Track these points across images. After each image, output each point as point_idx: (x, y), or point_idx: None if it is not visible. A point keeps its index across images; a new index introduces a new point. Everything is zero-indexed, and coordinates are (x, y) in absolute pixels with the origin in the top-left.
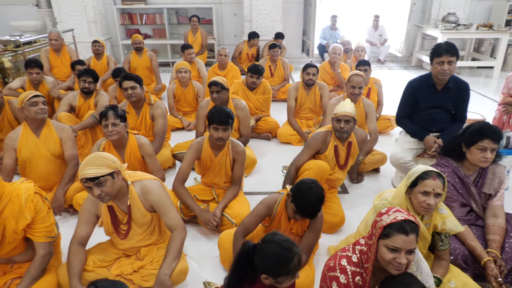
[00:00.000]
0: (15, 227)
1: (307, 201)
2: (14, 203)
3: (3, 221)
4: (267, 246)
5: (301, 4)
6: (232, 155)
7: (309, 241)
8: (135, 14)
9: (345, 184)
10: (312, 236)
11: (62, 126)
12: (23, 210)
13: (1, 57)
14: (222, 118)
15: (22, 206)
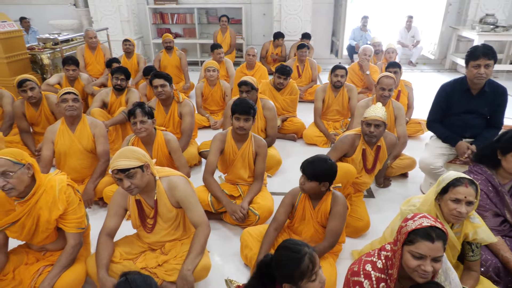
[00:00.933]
0: (48, 217)
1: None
2: (48, 194)
3: (37, 211)
4: (278, 253)
5: (331, 4)
6: (255, 148)
7: (332, 227)
8: (167, 14)
9: (372, 188)
10: (334, 221)
11: (96, 123)
12: (56, 201)
13: (40, 54)
14: (244, 108)
15: (56, 197)
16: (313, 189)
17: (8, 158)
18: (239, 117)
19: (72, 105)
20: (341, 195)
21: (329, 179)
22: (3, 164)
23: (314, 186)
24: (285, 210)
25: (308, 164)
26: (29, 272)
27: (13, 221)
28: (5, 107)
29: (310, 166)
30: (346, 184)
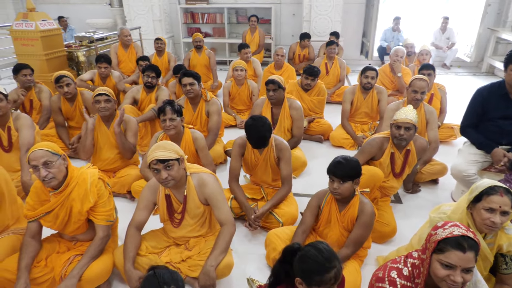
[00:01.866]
0: (80, 209)
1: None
2: (80, 186)
3: (70, 203)
4: (309, 249)
5: (363, 4)
6: (276, 153)
7: (357, 234)
8: (197, 14)
9: (399, 193)
10: (360, 230)
11: (128, 119)
12: (87, 194)
13: (76, 51)
14: (255, 141)
15: (87, 190)
16: (348, 190)
17: (47, 149)
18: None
19: (104, 106)
20: (370, 203)
21: (359, 175)
22: (44, 155)
23: (349, 187)
24: (311, 213)
25: (337, 165)
26: (60, 260)
27: (47, 211)
28: (43, 102)
29: (341, 166)
30: (372, 188)
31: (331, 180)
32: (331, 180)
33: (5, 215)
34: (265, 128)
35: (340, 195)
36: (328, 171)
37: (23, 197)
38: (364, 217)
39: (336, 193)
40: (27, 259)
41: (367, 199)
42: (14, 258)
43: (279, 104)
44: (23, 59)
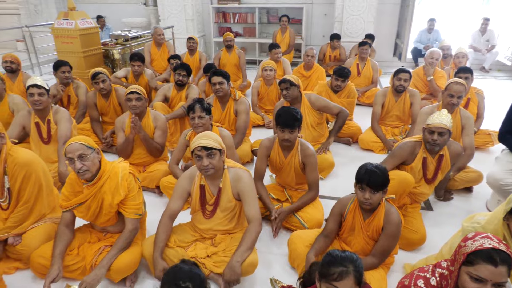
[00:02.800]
0: (111, 201)
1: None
2: (112, 180)
3: (102, 195)
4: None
5: (397, 5)
6: (301, 158)
7: (383, 244)
8: (229, 13)
9: (430, 200)
10: (386, 240)
11: (158, 117)
12: (118, 187)
13: (112, 49)
14: (288, 121)
15: (118, 184)
16: (379, 200)
17: (82, 143)
18: (284, 129)
19: (135, 104)
20: (396, 212)
21: (388, 183)
22: (79, 148)
23: (379, 197)
24: (334, 220)
25: (371, 174)
26: (91, 250)
27: (80, 202)
28: (80, 97)
29: (375, 176)
30: (402, 194)
31: (361, 189)
32: (360, 189)
33: (42, 204)
34: (298, 114)
35: (371, 206)
36: (359, 179)
37: (59, 188)
38: (390, 227)
39: (367, 203)
40: (61, 247)
41: (393, 208)
42: (49, 245)
43: (296, 102)
44: (62, 56)
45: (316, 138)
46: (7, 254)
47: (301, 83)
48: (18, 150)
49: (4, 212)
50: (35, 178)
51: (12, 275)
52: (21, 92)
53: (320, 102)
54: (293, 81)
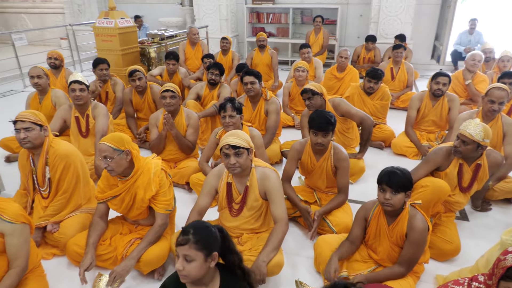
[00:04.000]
0: (143, 196)
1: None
2: (145, 175)
3: (135, 190)
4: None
5: (438, 5)
6: (334, 162)
7: (408, 253)
8: (263, 13)
9: (466, 210)
10: (410, 248)
11: (191, 115)
12: (150, 183)
13: (148, 48)
14: (321, 125)
15: (150, 179)
16: (400, 202)
17: (109, 145)
18: (317, 132)
19: (169, 101)
20: (421, 218)
21: (412, 187)
22: (105, 149)
23: (401, 199)
24: (358, 225)
25: (391, 174)
26: (123, 241)
27: (114, 195)
28: (117, 94)
29: (396, 176)
30: (436, 202)
31: (381, 191)
32: (381, 190)
33: (79, 195)
34: (330, 114)
35: (391, 207)
36: (380, 180)
37: (95, 180)
38: (414, 234)
39: (387, 204)
40: (94, 237)
41: (419, 214)
42: (83, 234)
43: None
44: (102, 54)
45: (346, 144)
46: (46, 240)
47: (324, 90)
48: (59, 142)
49: (44, 201)
50: (74, 170)
51: (49, 261)
52: (63, 87)
53: (342, 106)
54: (315, 89)
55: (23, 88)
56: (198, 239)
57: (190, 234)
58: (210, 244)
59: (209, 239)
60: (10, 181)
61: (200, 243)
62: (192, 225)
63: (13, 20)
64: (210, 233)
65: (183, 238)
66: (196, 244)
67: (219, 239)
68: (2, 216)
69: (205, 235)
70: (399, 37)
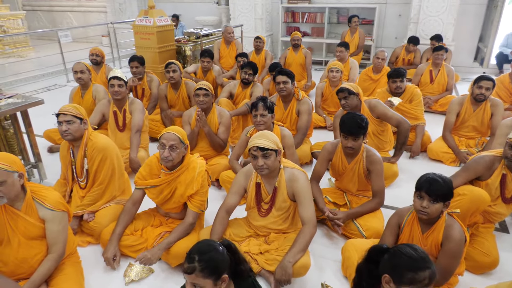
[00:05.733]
0: (182, 192)
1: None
2: (189, 173)
3: (176, 184)
4: (403, 246)
5: (483, 5)
6: (366, 165)
7: (443, 264)
8: (298, 13)
9: (507, 221)
10: (446, 259)
11: (223, 113)
12: (193, 181)
13: (184, 46)
14: (352, 129)
15: (194, 178)
16: (437, 212)
17: (178, 135)
18: (347, 136)
19: (203, 99)
20: (459, 227)
21: (451, 197)
22: (174, 139)
23: (438, 208)
24: (391, 232)
25: (432, 182)
26: (153, 233)
27: (155, 184)
28: (152, 90)
29: (437, 185)
30: (474, 212)
31: (418, 197)
32: (419, 197)
33: (114, 186)
34: (364, 121)
35: (427, 216)
36: (419, 187)
37: (129, 173)
38: (450, 244)
39: (424, 212)
40: (121, 228)
41: (457, 223)
42: None
43: (356, 111)
44: (140, 51)
45: (380, 147)
46: (82, 229)
47: (360, 90)
48: (97, 136)
49: (81, 191)
50: (110, 162)
51: (85, 248)
52: (103, 82)
53: (379, 108)
54: (352, 89)
55: (66, 82)
56: (204, 267)
57: (196, 262)
58: (219, 268)
59: (217, 263)
60: (51, 170)
61: (207, 270)
62: (197, 249)
63: (60, 18)
64: (217, 256)
65: (188, 266)
66: (203, 272)
67: (227, 259)
68: (43, 203)
69: (212, 260)
70: (435, 38)
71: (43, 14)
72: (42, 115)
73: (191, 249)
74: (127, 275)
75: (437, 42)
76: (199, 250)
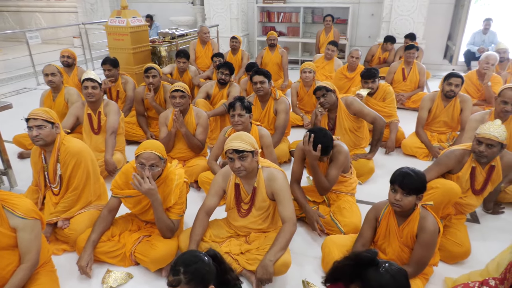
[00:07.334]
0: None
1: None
2: (167, 185)
3: None
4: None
5: (451, 5)
6: (332, 158)
7: (418, 254)
8: (273, 13)
9: (477, 212)
10: (421, 250)
11: (200, 114)
12: (170, 193)
13: (159, 46)
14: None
15: (171, 190)
16: (411, 204)
17: (157, 154)
18: (322, 158)
19: (179, 101)
20: (432, 219)
21: (424, 190)
22: (154, 158)
23: (411, 201)
24: (369, 226)
25: (405, 176)
26: (131, 238)
27: (132, 195)
28: (128, 92)
29: (409, 178)
30: (447, 204)
31: (393, 190)
32: (393, 190)
33: (89, 191)
34: (327, 138)
35: (400, 208)
36: (392, 180)
37: (105, 177)
38: (424, 235)
39: (397, 205)
40: (97, 234)
41: (430, 215)
42: None
43: (334, 108)
44: (113, 52)
45: (356, 143)
46: (56, 236)
47: (336, 88)
48: (70, 140)
49: (55, 197)
50: (84, 167)
51: (60, 256)
52: (75, 85)
53: (355, 105)
54: (329, 87)
55: (36, 86)
56: (190, 279)
57: (181, 274)
58: (205, 279)
59: (203, 275)
60: (22, 177)
61: (193, 282)
62: (182, 261)
63: (28, 18)
64: (203, 267)
65: (174, 279)
66: (189, 285)
67: (213, 269)
68: (14, 211)
69: (197, 271)
70: (409, 36)
71: (9, 14)
72: (11, 120)
73: (175, 261)
74: (105, 282)
75: (410, 40)
76: (184, 261)
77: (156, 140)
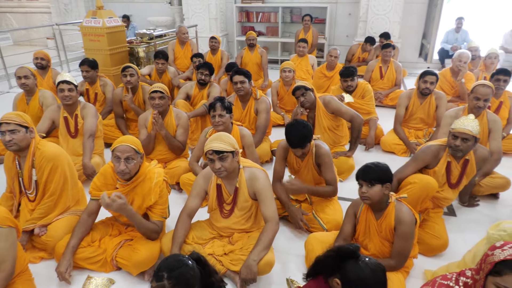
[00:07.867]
0: (140, 204)
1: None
2: (146, 184)
3: (133, 196)
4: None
5: (425, 4)
6: (315, 159)
7: (399, 246)
8: (252, 12)
9: (454, 205)
10: (400, 242)
11: (181, 115)
12: (150, 192)
13: (137, 47)
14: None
15: (151, 189)
16: (378, 195)
17: (133, 147)
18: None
19: (158, 102)
20: (408, 211)
21: (390, 179)
22: (129, 151)
23: (378, 191)
24: (349, 222)
25: (365, 169)
26: (112, 243)
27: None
28: (107, 94)
29: (369, 169)
30: (425, 198)
31: (359, 186)
32: (359, 185)
33: (67, 197)
34: (306, 129)
35: (369, 200)
36: (357, 176)
37: (83, 181)
38: (402, 227)
39: (364, 197)
40: (76, 240)
41: (405, 207)
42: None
43: (313, 106)
44: (90, 53)
45: (336, 142)
46: (33, 244)
47: (313, 87)
48: (45, 144)
49: (31, 204)
50: (61, 171)
51: (37, 264)
52: (50, 87)
53: (332, 104)
54: (307, 85)
55: (8, 89)
56: (174, 284)
57: (165, 280)
58: (189, 284)
59: (187, 279)
60: None
61: None
62: (166, 266)
63: None
64: (187, 272)
65: (157, 285)
66: None
67: (197, 273)
68: None
69: (182, 276)
70: (383, 35)
71: None
72: None
73: (158, 266)
74: None
75: (385, 39)
76: (168, 266)
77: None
